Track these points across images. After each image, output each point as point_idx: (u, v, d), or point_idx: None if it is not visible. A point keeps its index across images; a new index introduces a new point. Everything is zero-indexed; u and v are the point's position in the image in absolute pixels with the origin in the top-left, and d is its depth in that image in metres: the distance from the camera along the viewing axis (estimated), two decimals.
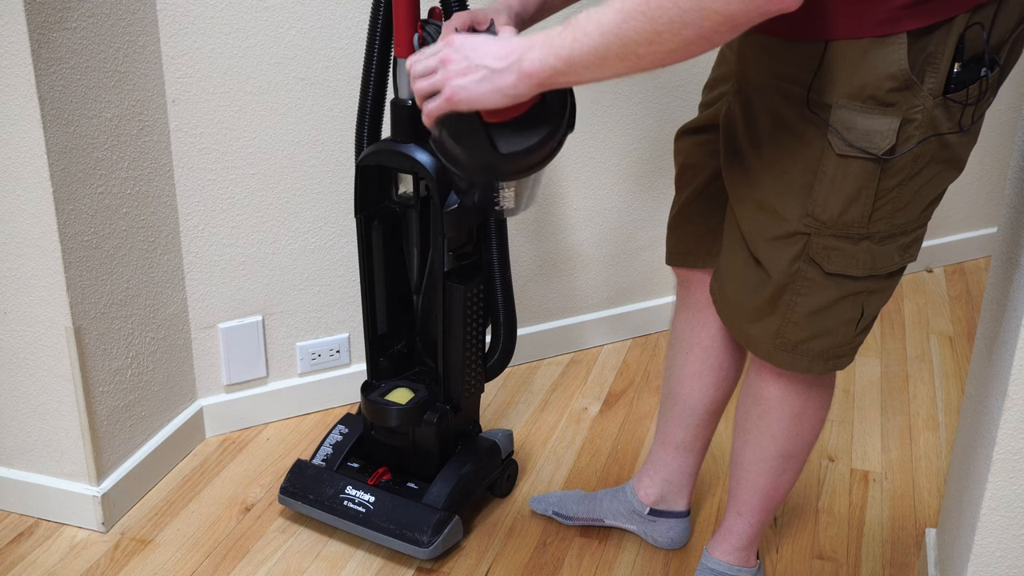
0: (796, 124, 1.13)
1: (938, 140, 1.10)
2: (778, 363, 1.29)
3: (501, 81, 1.07)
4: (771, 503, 1.48)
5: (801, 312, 1.23)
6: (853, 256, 1.18)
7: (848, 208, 1.14)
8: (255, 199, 1.90)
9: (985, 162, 2.85)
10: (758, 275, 1.24)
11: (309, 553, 1.69)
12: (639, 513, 1.69)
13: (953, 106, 1.09)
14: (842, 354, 1.29)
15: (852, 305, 1.23)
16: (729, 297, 1.31)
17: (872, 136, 1.08)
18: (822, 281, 1.20)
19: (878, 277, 1.21)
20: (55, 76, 1.51)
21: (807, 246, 1.18)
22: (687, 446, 1.63)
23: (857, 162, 1.11)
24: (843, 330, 1.25)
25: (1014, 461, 1.26)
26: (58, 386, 1.68)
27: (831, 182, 1.13)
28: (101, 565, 1.66)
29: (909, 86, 1.06)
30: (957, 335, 2.50)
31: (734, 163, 1.23)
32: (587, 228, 2.28)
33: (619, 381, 2.25)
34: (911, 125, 1.08)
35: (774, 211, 1.18)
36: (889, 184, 1.12)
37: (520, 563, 1.68)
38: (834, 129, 1.10)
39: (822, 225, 1.16)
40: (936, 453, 2.00)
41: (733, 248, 1.28)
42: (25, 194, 1.56)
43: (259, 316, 1.99)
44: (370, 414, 1.71)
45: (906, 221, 1.17)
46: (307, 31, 1.83)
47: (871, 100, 1.07)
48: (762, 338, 1.28)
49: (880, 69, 1.06)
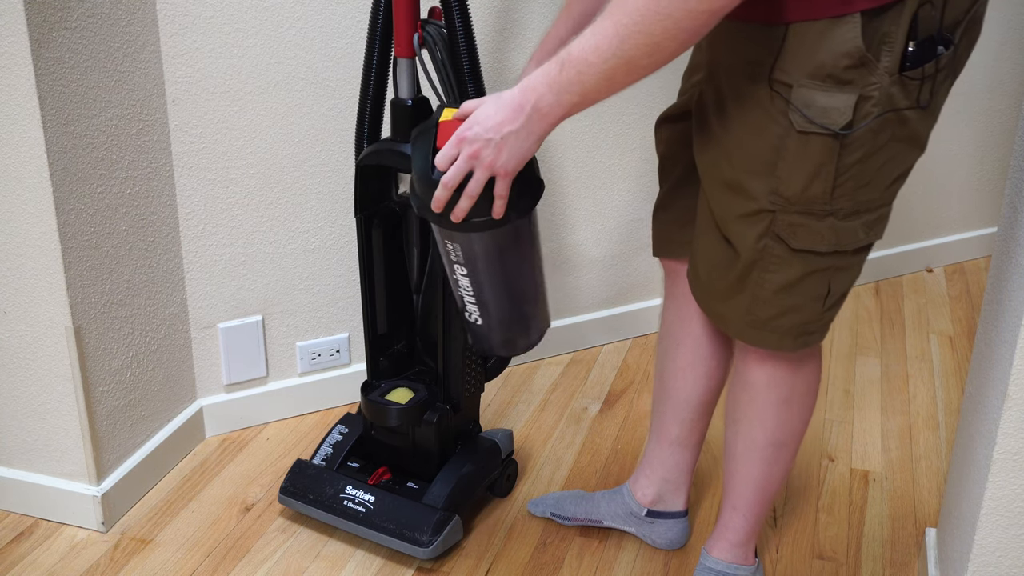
0: (761, 104, 1.17)
1: (897, 117, 1.14)
2: (749, 340, 1.33)
3: (531, 130, 1.17)
4: (765, 496, 1.49)
5: (769, 289, 1.26)
6: (818, 232, 1.21)
7: (810, 184, 1.18)
8: (255, 199, 1.90)
9: (985, 162, 2.85)
10: (728, 254, 1.28)
11: (309, 553, 1.70)
12: (636, 515, 1.69)
13: (910, 84, 1.12)
14: (812, 330, 1.31)
15: (819, 281, 1.26)
16: (702, 277, 1.35)
17: (830, 112, 1.12)
18: (788, 258, 1.23)
19: (843, 253, 1.24)
20: (55, 76, 1.51)
21: (773, 223, 1.21)
22: (682, 441, 1.63)
23: (817, 138, 1.15)
24: (811, 306, 1.28)
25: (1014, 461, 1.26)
26: (58, 386, 1.68)
27: (793, 159, 1.17)
28: (101, 565, 1.66)
29: (864, 63, 1.10)
30: (957, 335, 2.50)
31: (705, 145, 1.27)
32: (587, 228, 2.28)
33: (619, 381, 2.25)
34: (868, 102, 1.12)
35: (742, 189, 1.22)
36: (849, 160, 1.16)
37: (520, 563, 1.68)
38: (794, 107, 1.14)
39: (786, 202, 1.19)
40: (936, 453, 2.01)
41: (705, 229, 1.32)
42: (25, 194, 1.56)
43: (259, 316, 1.99)
44: (370, 414, 1.71)
45: (869, 198, 1.21)
46: (307, 31, 1.83)
47: (829, 78, 1.11)
48: (733, 317, 1.32)
49: (836, 48, 1.10)
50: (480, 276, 1.41)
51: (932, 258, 2.89)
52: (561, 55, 1.11)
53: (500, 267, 1.41)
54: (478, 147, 1.19)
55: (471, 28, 1.51)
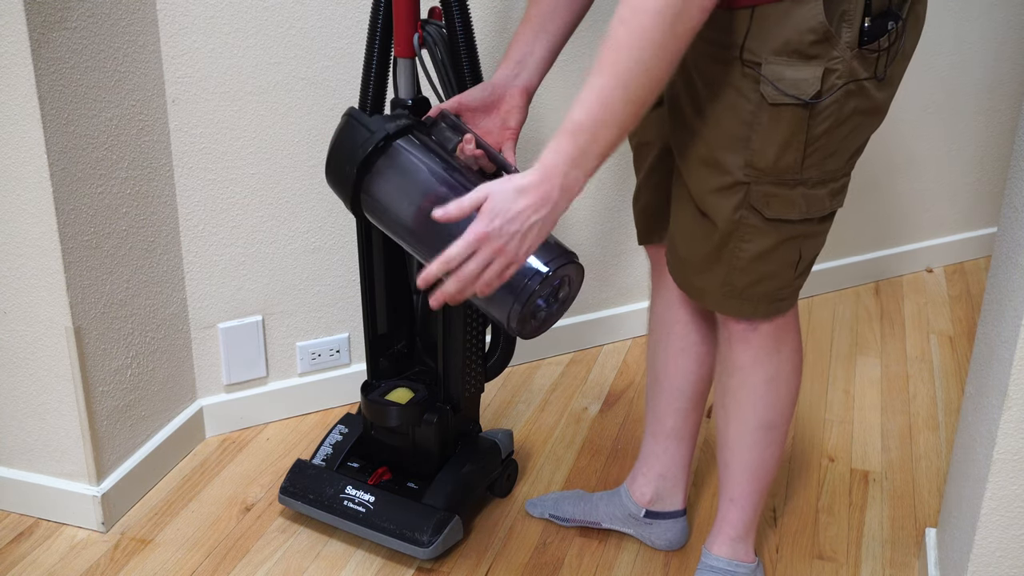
0: (732, 83, 1.23)
1: (859, 89, 1.22)
2: (726, 310, 1.39)
3: (557, 211, 1.16)
4: (760, 484, 1.52)
5: (745, 258, 1.32)
6: (790, 201, 1.28)
7: (782, 155, 1.24)
8: (255, 199, 1.90)
9: (985, 162, 2.85)
10: (704, 227, 1.33)
11: (309, 553, 1.70)
12: (635, 516, 1.69)
13: (868, 56, 1.21)
14: (784, 296, 1.38)
15: (791, 248, 1.33)
16: (680, 252, 1.40)
17: (800, 84, 1.20)
18: (763, 227, 1.30)
19: (812, 221, 1.32)
20: (55, 76, 1.51)
21: (748, 194, 1.27)
22: (678, 433, 1.64)
23: (788, 109, 1.21)
24: (784, 273, 1.35)
25: (1014, 461, 1.26)
26: (58, 386, 1.68)
27: (766, 131, 1.23)
28: (101, 565, 1.66)
29: (828, 38, 1.18)
30: (957, 335, 2.50)
31: (678, 127, 1.33)
32: (587, 228, 2.28)
33: (619, 381, 2.25)
34: (833, 75, 1.20)
35: (717, 164, 1.28)
36: (818, 131, 1.23)
37: (520, 563, 1.68)
38: (766, 80, 1.20)
39: (760, 173, 1.26)
40: (936, 453, 2.01)
41: (681, 205, 1.37)
42: (25, 194, 1.56)
43: (259, 316, 1.99)
44: (370, 414, 1.71)
45: (835, 168, 1.29)
46: (307, 31, 1.83)
47: (795, 54, 1.19)
48: (710, 288, 1.37)
49: (801, 24, 1.17)
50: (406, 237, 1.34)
51: (932, 258, 2.89)
52: (566, 128, 1.12)
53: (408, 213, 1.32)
54: (502, 243, 1.13)
55: (471, 28, 1.51)
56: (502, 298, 1.21)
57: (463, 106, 1.35)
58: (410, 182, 1.31)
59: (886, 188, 2.70)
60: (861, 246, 2.74)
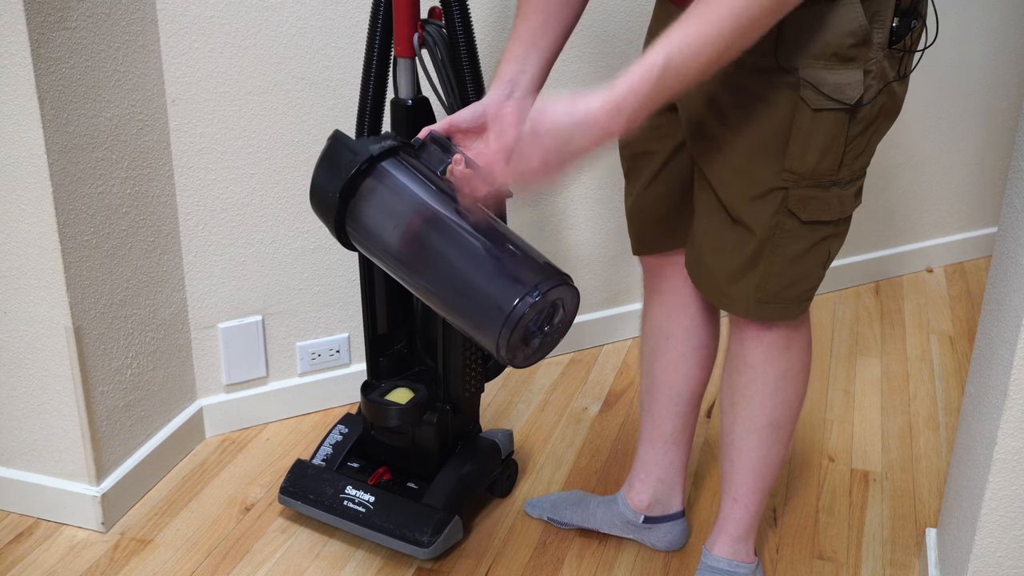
0: (762, 91, 1.22)
1: (887, 89, 1.23)
2: (756, 315, 1.37)
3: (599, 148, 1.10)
4: (763, 483, 1.51)
5: (781, 262, 1.32)
6: (826, 202, 1.28)
7: (823, 158, 1.24)
8: (255, 199, 1.90)
9: (985, 162, 2.85)
10: (738, 235, 1.32)
11: (309, 553, 1.70)
12: (633, 523, 1.69)
13: (895, 56, 1.22)
14: (810, 296, 1.39)
15: (823, 249, 1.34)
16: (708, 263, 1.38)
17: (843, 88, 1.19)
18: (799, 230, 1.30)
19: (842, 220, 1.33)
20: (55, 76, 1.51)
21: (785, 199, 1.27)
22: (676, 438, 1.64)
23: (831, 114, 1.21)
24: (815, 273, 1.36)
25: (1014, 461, 1.26)
26: (58, 386, 1.68)
27: (806, 136, 1.22)
28: (101, 565, 1.66)
29: (866, 41, 1.18)
30: (957, 335, 2.50)
31: (701, 138, 1.31)
32: (587, 228, 2.28)
33: (619, 381, 2.25)
34: (869, 76, 1.20)
35: (750, 172, 1.27)
36: (855, 132, 1.24)
37: (520, 563, 1.68)
38: (808, 85, 1.19)
39: (799, 177, 1.25)
40: (936, 453, 2.01)
41: (710, 215, 1.35)
42: (25, 194, 1.56)
43: (259, 316, 1.99)
44: (370, 414, 1.71)
45: (861, 166, 1.30)
46: (307, 31, 1.83)
47: (834, 57, 1.18)
48: (742, 296, 1.36)
49: (841, 28, 1.17)
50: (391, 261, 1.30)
51: (932, 258, 2.89)
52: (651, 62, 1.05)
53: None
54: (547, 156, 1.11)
55: (471, 28, 1.51)
56: (491, 323, 1.13)
57: (454, 127, 1.29)
58: (396, 203, 1.27)
59: (886, 188, 2.70)
60: (861, 246, 2.73)
